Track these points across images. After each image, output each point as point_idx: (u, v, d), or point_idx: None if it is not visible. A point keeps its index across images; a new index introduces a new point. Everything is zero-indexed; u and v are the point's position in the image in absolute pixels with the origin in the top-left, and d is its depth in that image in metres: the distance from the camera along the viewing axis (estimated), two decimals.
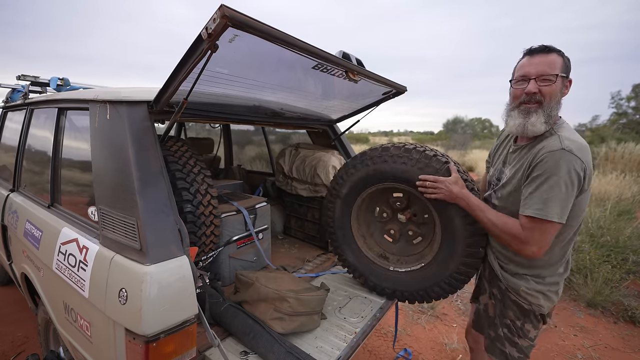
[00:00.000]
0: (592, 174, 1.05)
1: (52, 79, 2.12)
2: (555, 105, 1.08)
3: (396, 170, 1.42)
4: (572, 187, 1.00)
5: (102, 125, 1.14)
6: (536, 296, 1.17)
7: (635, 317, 2.64)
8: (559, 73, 1.06)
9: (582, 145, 1.03)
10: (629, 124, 21.85)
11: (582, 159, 1.00)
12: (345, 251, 1.74)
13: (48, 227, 1.38)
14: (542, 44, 1.11)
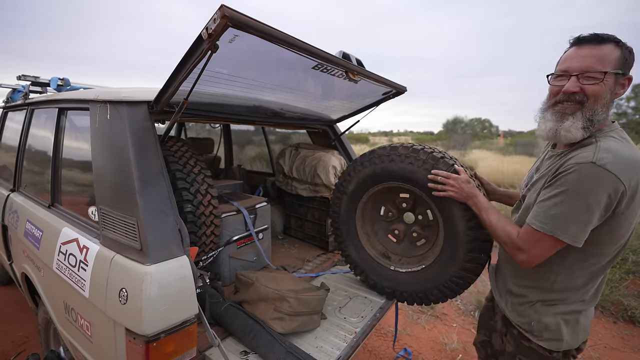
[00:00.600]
0: (635, 197, 0.84)
1: (52, 79, 2.12)
2: (602, 108, 0.88)
3: (403, 170, 1.41)
4: (595, 208, 0.83)
5: (103, 126, 1.15)
6: (551, 328, 0.99)
7: (634, 316, 2.65)
8: (610, 70, 0.86)
9: (626, 160, 0.83)
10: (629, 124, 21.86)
11: (619, 175, 0.80)
12: (348, 247, 1.74)
13: (48, 227, 1.38)
14: (594, 33, 0.89)
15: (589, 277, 0.96)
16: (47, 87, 2.14)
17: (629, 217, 0.87)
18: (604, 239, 0.90)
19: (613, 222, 0.87)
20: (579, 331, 1.00)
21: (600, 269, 0.96)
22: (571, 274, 0.96)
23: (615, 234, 0.90)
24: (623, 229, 0.89)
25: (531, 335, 1.03)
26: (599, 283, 1.00)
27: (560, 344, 0.99)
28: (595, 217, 0.85)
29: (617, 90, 0.91)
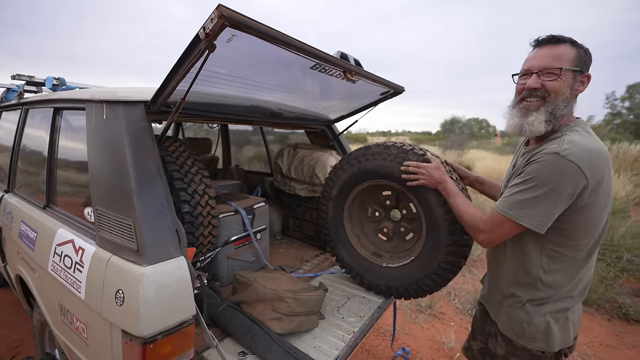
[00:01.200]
0: (602, 184, 0.89)
1: (47, 78, 2.10)
2: (563, 102, 0.95)
3: (378, 167, 1.48)
4: (557, 196, 0.88)
5: (99, 126, 1.14)
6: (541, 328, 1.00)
7: (629, 314, 2.67)
8: (567, 66, 0.93)
9: (587, 151, 0.87)
10: (623, 124, 22.07)
11: (580, 166, 0.85)
12: (340, 251, 1.77)
13: (43, 228, 1.37)
14: (552, 34, 0.97)
15: (571, 272, 0.98)
16: (42, 87, 2.12)
17: (597, 208, 0.92)
18: (576, 231, 0.94)
19: (580, 212, 0.91)
20: (569, 328, 1.02)
21: (580, 263, 0.98)
22: (553, 268, 0.99)
23: (586, 225, 0.93)
24: (593, 220, 0.93)
25: (522, 340, 1.04)
26: (585, 278, 1.02)
27: (552, 344, 1.00)
28: (558, 205, 0.89)
29: (576, 87, 0.97)
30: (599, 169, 0.88)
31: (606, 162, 0.91)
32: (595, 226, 0.94)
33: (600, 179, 0.88)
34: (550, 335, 1.00)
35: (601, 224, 0.96)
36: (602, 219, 0.95)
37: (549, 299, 1.00)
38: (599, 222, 0.95)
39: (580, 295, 1.03)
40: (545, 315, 1.00)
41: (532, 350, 1.03)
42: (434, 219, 1.34)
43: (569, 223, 0.93)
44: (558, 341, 1.00)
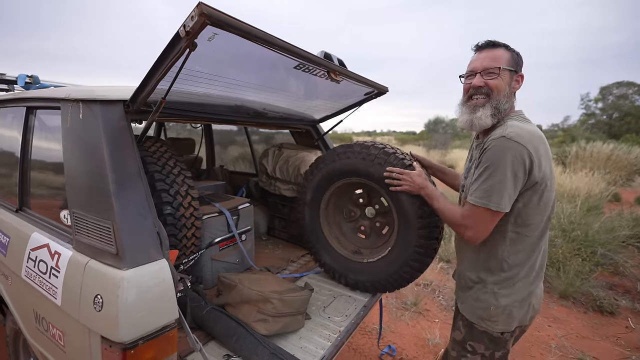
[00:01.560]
0: (542, 162, 0.99)
1: (19, 76, 2.01)
2: (504, 98, 1.07)
3: (343, 165, 1.59)
4: (514, 175, 0.97)
5: (75, 125, 1.10)
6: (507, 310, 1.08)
7: (603, 306, 2.80)
8: (503, 66, 1.06)
9: (527, 132, 0.99)
10: (597, 124, 23.12)
11: (525, 145, 0.96)
12: (322, 254, 1.81)
13: (16, 233, 1.31)
14: (488, 40, 1.11)
15: (529, 251, 1.08)
16: (14, 85, 2.03)
17: (545, 186, 1.02)
18: (531, 210, 1.03)
19: (534, 191, 1.01)
20: (529, 310, 1.11)
21: (535, 241, 1.07)
22: (514, 249, 1.07)
23: (539, 204, 1.03)
24: (544, 198, 1.03)
25: (485, 323, 1.11)
26: (541, 256, 1.11)
27: (512, 324, 1.09)
28: (517, 183, 0.99)
29: (513, 85, 1.10)
30: (538, 147, 0.99)
31: (541, 142, 1.02)
32: (546, 205, 1.05)
33: (543, 161, 1.00)
34: (512, 316, 1.08)
35: (550, 203, 1.06)
36: (550, 198, 1.06)
37: (513, 279, 1.08)
38: (548, 200, 1.05)
39: (539, 274, 1.12)
40: (510, 297, 1.08)
41: (492, 334, 1.11)
42: (403, 209, 1.42)
43: (525, 203, 1.02)
44: (516, 321, 1.09)
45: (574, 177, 6.81)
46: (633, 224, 4.17)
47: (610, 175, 7.96)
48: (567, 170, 7.89)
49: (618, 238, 3.70)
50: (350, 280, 1.71)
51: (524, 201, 1.02)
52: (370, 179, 1.50)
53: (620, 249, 3.67)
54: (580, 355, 2.24)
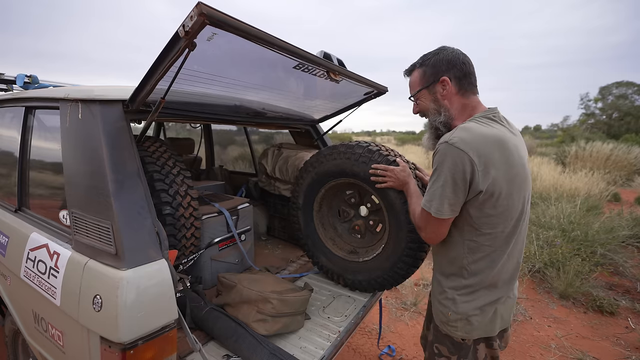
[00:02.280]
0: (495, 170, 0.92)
1: (18, 75, 2.01)
2: (436, 114, 1.08)
3: (330, 167, 1.62)
4: (453, 181, 0.92)
5: (74, 126, 1.10)
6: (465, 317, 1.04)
7: (602, 306, 2.80)
8: (416, 90, 1.11)
9: (475, 136, 0.92)
10: (597, 124, 23.12)
11: (467, 152, 0.90)
12: (319, 257, 1.82)
13: (15, 233, 1.31)
14: (405, 69, 1.15)
15: (490, 260, 1.01)
16: (13, 85, 2.02)
17: (500, 195, 0.94)
18: (484, 220, 0.96)
19: (484, 200, 0.94)
20: (496, 320, 1.05)
21: (498, 251, 1.00)
22: (473, 257, 1.01)
23: (495, 213, 0.96)
24: (500, 207, 0.95)
25: (446, 327, 1.08)
26: (508, 267, 1.04)
27: (472, 333, 1.04)
28: (457, 190, 0.93)
29: (439, 94, 1.07)
30: (487, 153, 0.91)
31: (497, 147, 0.93)
32: (504, 214, 0.96)
33: (493, 170, 0.91)
34: (471, 324, 1.03)
35: (513, 212, 0.98)
36: (513, 207, 0.97)
37: (472, 286, 1.03)
38: (507, 210, 0.96)
39: (507, 285, 1.06)
40: (469, 304, 1.03)
41: (454, 338, 1.08)
42: (392, 205, 1.43)
43: (477, 212, 0.96)
44: (478, 330, 1.04)
45: (574, 177, 6.81)
46: (633, 224, 4.17)
47: (610, 175, 7.97)
48: (567, 170, 7.90)
49: (618, 238, 3.70)
50: (348, 281, 1.71)
51: (475, 210, 0.96)
52: (357, 177, 1.52)
53: (620, 249, 3.67)
54: (580, 355, 2.23)
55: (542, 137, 29.32)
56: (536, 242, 3.62)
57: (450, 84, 1.05)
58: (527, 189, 1.02)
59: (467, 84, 1.05)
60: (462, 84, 1.05)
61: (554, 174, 7.28)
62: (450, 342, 1.09)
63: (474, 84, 1.07)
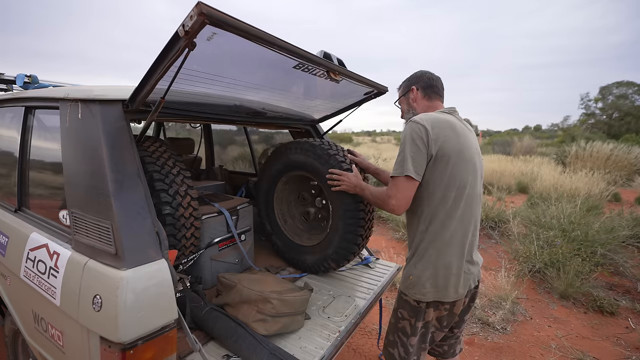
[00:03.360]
0: (446, 143, 1.16)
1: (18, 75, 2.01)
2: (408, 112, 1.42)
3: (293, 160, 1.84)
4: (415, 144, 1.16)
5: (74, 125, 1.10)
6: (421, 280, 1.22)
7: (603, 306, 2.80)
8: (398, 99, 1.48)
9: (431, 117, 1.20)
10: (597, 124, 23.10)
11: (423, 124, 1.16)
12: (276, 241, 2.05)
13: (15, 233, 1.31)
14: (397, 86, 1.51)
15: (440, 227, 1.19)
16: (13, 85, 2.02)
17: (447, 161, 1.16)
18: (434, 181, 1.18)
19: (435, 165, 1.16)
20: (449, 287, 1.20)
21: (446, 217, 1.19)
22: (426, 219, 1.21)
23: (442, 176, 1.17)
24: (448, 172, 1.16)
25: (407, 291, 1.26)
26: (460, 236, 1.20)
27: (426, 294, 1.21)
28: (418, 152, 1.16)
29: (410, 99, 1.41)
30: (440, 127, 1.17)
31: (447, 126, 1.19)
32: (452, 180, 1.17)
33: (443, 137, 1.16)
34: (425, 287, 1.21)
35: (459, 180, 1.18)
36: (460, 175, 1.18)
37: (426, 251, 1.21)
38: (455, 177, 1.17)
39: (457, 252, 1.21)
40: (422, 269, 1.21)
41: (411, 302, 1.26)
42: (336, 203, 1.67)
43: (430, 174, 1.17)
44: (431, 294, 1.21)
45: (574, 177, 6.81)
46: (633, 224, 4.17)
47: (610, 175, 7.96)
48: (567, 170, 7.89)
49: (618, 238, 3.69)
50: (294, 260, 1.96)
51: (428, 173, 1.18)
52: (313, 173, 1.73)
53: (620, 249, 3.66)
54: (580, 355, 2.23)
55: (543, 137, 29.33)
56: (536, 242, 3.62)
57: (417, 91, 1.38)
58: (477, 169, 1.24)
59: (431, 92, 1.37)
60: (427, 92, 1.37)
61: (554, 174, 7.28)
62: (409, 306, 1.27)
63: (437, 93, 1.37)
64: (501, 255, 3.98)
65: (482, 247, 4.28)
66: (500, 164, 8.97)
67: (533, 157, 10.25)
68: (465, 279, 1.23)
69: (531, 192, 6.64)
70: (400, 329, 1.31)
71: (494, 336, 2.45)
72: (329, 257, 1.78)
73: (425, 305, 1.24)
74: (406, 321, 1.29)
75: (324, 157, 1.67)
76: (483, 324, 2.59)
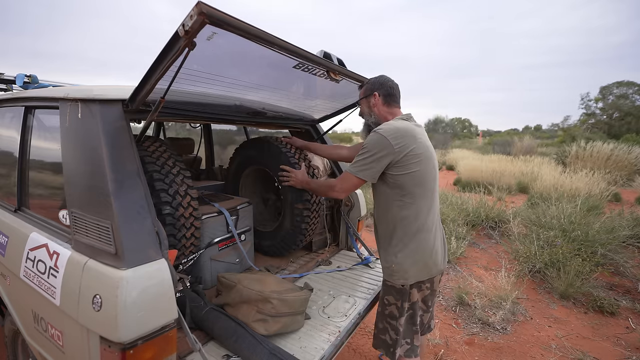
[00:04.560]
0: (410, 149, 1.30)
1: (18, 75, 2.01)
2: (368, 116, 1.52)
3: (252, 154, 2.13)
4: (376, 155, 1.30)
5: (74, 125, 1.09)
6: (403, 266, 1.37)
7: (603, 307, 2.79)
8: (361, 97, 1.53)
9: (392, 128, 1.32)
10: (597, 124, 23.09)
11: (386, 136, 1.29)
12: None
13: (15, 233, 1.31)
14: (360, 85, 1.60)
15: (414, 214, 1.35)
16: (13, 85, 2.02)
17: (415, 166, 1.31)
18: (407, 183, 1.33)
19: (404, 169, 1.31)
20: (420, 271, 1.38)
21: (419, 206, 1.35)
22: (403, 214, 1.35)
23: (413, 178, 1.32)
24: (417, 174, 1.32)
25: (392, 278, 1.39)
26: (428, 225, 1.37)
27: (408, 278, 1.36)
28: (379, 163, 1.31)
29: (371, 103, 1.49)
30: (402, 138, 1.30)
31: (408, 134, 1.32)
32: (421, 179, 1.34)
33: (405, 145, 1.30)
34: (408, 271, 1.36)
35: (427, 174, 1.35)
36: (427, 171, 1.35)
37: (404, 238, 1.37)
38: (424, 177, 1.34)
39: (433, 235, 1.40)
40: (406, 257, 1.36)
41: (395, 286, 1.39)
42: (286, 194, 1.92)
43: (401, 178, 1.32)
44: (412, 277, 1.37)
45: (574, 177, 6.80)
46: (633, 224, 4.16)
47: (611, 175, 7.95)
48: (567, 170, 7.88)
49: (618, 238, 3.69)
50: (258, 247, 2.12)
51: (401, 176, 1.32)
52: (267, 167, 1.98)
53: (621, 249, 3.66)
54: (580, 355, 2.23)
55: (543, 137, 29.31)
56: (537, 242, 3.61)
57: (378, 98, 1.47)
58: (435, 165, 1.42)
59: (391, 100, 1.47)
60: (387, 100, 1.47)
61: (554, 174, 7.27)
62: (394, 290, 1.40)
63: (396, 101, 1.49)
64: (501, 256, 3.97)
65: (482, 247, 4.28)
66: (500, 164, 8.96)
67: (533, 157, 10.24)
68: (442, 255, 1.45)
69: (531, 192, 6.64)
70: (388, 315, 1.43)
71: (494, 336, 2.45)
72: (280, 241, 2.03)
73: (409, 287, 1.38)
74: (393, 305, 1.41)
75: (276, 153, 1.90)
76: (483, 324, 2.59)
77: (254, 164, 2.10)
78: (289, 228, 1.95)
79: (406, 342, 1.42)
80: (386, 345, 1.43)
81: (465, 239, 4.14)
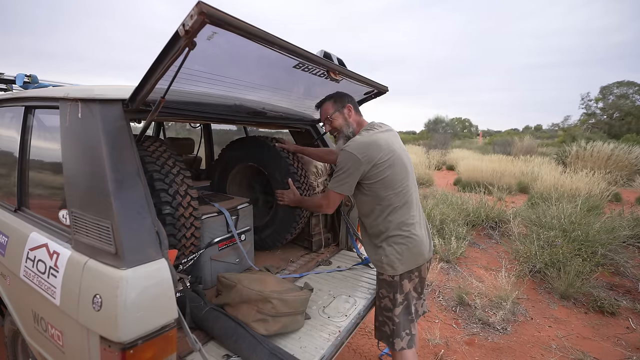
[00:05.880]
0: (378, 160, 1.42)
1: (18, 75, 2.01)
2: (346, 128, 1.60)
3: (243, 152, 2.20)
4: (348, 173, 1.44)
5: (74, 125, 1.09)
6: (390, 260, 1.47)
7: (603, 307, 2.79)
8: (329, 114, 1.61)
9: (360, 143, 1.45)
10: (597, 124, 23.09)
11: (355, 153, 1.41)
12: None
13: (15, 232, 1.31)
14: (316, 104, 1.69)
15: (393, 217, 1.48)
16: (13, 85, 2.02)
17: (386, 174, 1.44)
18: (380, 190, 1.46)
19: (375, 179, 1.44)
20: (407, 261, 1.48)
21: (393, 209, 1.48)
22: (382, 217, 1.49)
23: (385, 185, 1.45)
24: (388, 182, 1.45)
25: (382, 270, 1.51)
26: (407, 218, 1.49)
27: (397, 270, 1.47)
28: (352, 177, 1.45)
29: (346, 114, 1.60)
30: (369, 151, 1.42)
31: (373, 145, 1.44)
32: (391, 182, 1.46)
33: (371, 157, 1.42)
34: (395, 263, 1.47)
35: (398, 176, 1.47)
36: (398, 173, 1.47)
37: (388, 237, 1.48)
38: (394, 179, 1.46)
39: (417, 227, 1.51)
40: (392, 250, 1.47)
41: (386, 279, 1.51)
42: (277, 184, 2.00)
43: (375, 187, 1.46)
44: (399, 268, 1.48)
45: (575, 177, 6.80)
46: (634, 224, 4.16)
47: (611, 175, 7.94)
48: (568, 170, 7.88)
49: (618, 238, 3.69)
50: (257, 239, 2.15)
51: (375, 184, 1.45)
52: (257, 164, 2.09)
53: (621, 249, 3.66)
54: (581, 355, 2.23)
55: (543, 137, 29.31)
56: (537, 242, 3.61)
57: (352, 109, 1.61)
58: (406, 163, 1.53)
59: (357, 109, 1.64)
60: (356, 109, 1.64)
61: (554, 174, 7.27)
62: (385, 283, 1.52)
63: (359, 109, 1.67)
64: (501, 256, 3.97)
65: (483, 247, 4.28)
66: (500, 164, 8.96)
67: (533, 157, 10.24)
68: (427, 243, 1.54)
69: (532, 192, 6.63)
70: (384, 307, 1.54)
71: (494, 336, 2.45)
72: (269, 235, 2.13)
73: (400, 278, 1.49)
74: (386, 298, 1.52)
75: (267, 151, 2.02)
76: (483, 324, 2.59)
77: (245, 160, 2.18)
78: (281, 224, 2.06)
79: (406, 333, 1.51)
80: (386, 336, 1.55)
81: (465, 239, 4.14)
